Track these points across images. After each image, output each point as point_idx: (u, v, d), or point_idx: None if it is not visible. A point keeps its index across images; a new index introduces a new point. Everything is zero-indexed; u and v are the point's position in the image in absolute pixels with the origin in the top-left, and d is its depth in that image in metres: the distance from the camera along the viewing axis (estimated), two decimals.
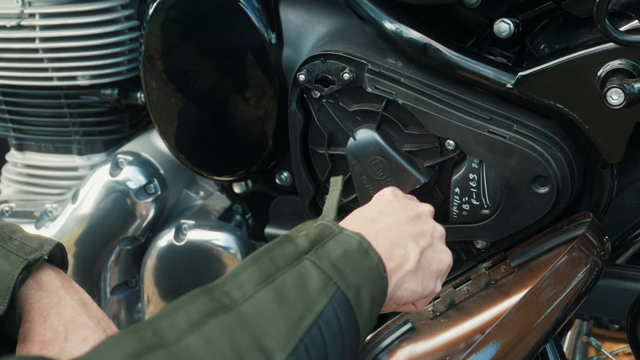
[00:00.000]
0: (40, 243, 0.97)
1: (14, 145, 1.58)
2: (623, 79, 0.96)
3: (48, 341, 0.92)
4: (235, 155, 1.33)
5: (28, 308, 0.93)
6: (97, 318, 0.96)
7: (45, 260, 0.96)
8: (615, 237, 1.23)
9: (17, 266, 0.92)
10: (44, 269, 0.97)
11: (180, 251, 1.45)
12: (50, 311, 0.93)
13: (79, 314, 0.94)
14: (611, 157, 1.04)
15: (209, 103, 1.30)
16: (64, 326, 0.93)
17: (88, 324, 0.94)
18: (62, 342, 0.92)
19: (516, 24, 1.07)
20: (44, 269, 0.97)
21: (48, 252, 0.96)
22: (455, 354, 1.08)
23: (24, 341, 0.92)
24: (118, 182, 1.44)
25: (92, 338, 0.93)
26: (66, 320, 0.93)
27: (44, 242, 0.97)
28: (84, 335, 0.93)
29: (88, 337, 0.93)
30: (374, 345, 1.17)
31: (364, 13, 1.12)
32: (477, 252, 1.18)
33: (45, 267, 0.97)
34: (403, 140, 1.14)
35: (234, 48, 1.25)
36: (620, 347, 1.70)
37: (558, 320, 1.02)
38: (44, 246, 0.96)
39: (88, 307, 0.96)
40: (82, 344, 0.92)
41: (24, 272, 0.92)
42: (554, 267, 1.02)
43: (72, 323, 0.93)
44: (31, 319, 0.93)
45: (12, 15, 1.43)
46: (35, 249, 0.95)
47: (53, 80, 1.45)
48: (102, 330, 0.95)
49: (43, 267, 0.97)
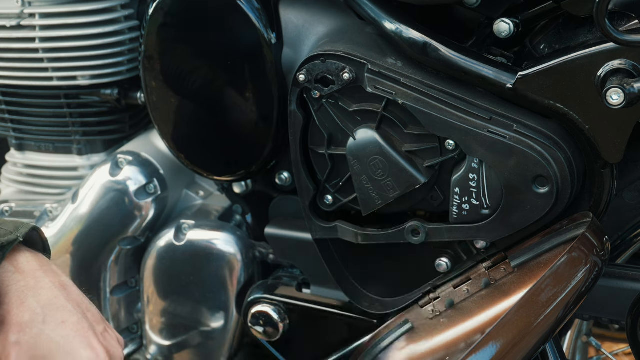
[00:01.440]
0: (16, 226, 0.96)
1: (14, 145, 1.58)
2: (623, 79, 0.96)
3: (26, 323, 0.91)
4: (235, 155, 1.33)
5: (5, 291, 0.93)
6: (76, 301, 0.95)
7: (22, 244, 0.95)
8: (615, 237, 1.23)
9: None
10: (21, 251, 0.96)
11: (180, 251, 1.45)
12: (27, 293, 0.93)
13: (57, 296, 0.94)
14: (611, 157, 1.04)
15: (208, 103, 1.30)
16: (41, 308, 0.92)
17: (67, 306, 0.94)
18: (40, 325, 0.91)
19: (516, 24, 1.06)
20: (21, 252, 0.96)
21: (23, 234, 0.95)
22: (455, 354, 1.08)
23: (2, 324, 0.92)
24: (118, 182, 1.44)
25: (71, 321, 0.93)
26: (44, 302, 0.93)
27: (19, 225, 0.97)
28: (62, 317, 0.92)
29: (66, 320, 0.92)
30: (374, 345, 1.17)
31: (364, 13, 1.12)
32: (477, 252, 1.18)
33: (22, 249, 0.96)
34: (403, 140, 1.14)
35: (234, 48, 1.25)
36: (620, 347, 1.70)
37: (558, 320, 1.02)
38: (20, 229, 0.96)
39: (67, 290, 0.96)
40: (60, 327, 0.92)
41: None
42: (554, 267, 1.02)
43: (50, 305, 0.93)
44: (8, 302, 0.92)
45: (12, 15, 1.43)
46: (10, 232, 0.95)
47: (53, 80, 1.45)
48: (80, 313, 0.94)
49: (20, 249, 0.96)
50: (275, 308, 1.37)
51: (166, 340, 1.51)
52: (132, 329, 1.57)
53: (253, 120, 1.27)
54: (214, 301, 1.45)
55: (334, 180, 1.21)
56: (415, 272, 1.24)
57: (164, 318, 1.49)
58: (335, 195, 1.22)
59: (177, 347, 1.50)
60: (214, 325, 1.46)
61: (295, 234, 1.34)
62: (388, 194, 1.16)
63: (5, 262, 0.94)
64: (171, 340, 1.50)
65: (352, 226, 1.21)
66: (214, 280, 1.44)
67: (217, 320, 1.46)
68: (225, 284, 1.43)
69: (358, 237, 1.21)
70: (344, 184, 1.21)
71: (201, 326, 1.47)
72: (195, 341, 1.49)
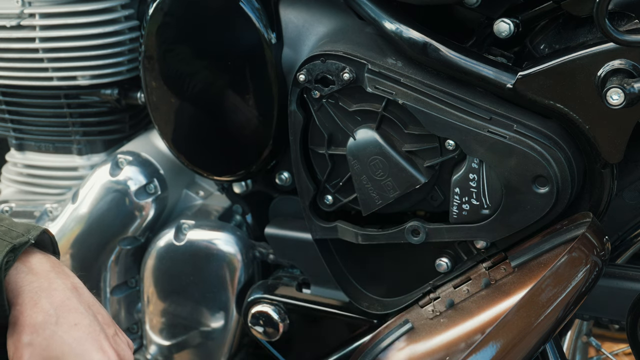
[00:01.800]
0: (27, 229, 0.97)
1: (14, 145, 1.58)
2: (623, 79, 0.96)
3: (39, 324, 0.91)
4: (235, 155, 1.33)
5: (18, 291, 0.93)
6: (87, 303, 0.96)
7: (34, 245, 0.96)
8: (615, 237, 1.23)
9: (2, 250, 0.92)
10: (34, 253, 0.97)
11: (180, 251, 1.45)
12: (41, 295, 0.93)
13: (70, 298, 0.94)
14: (611, 157, 1.04)
15: (208, 103, 1.30)
16: (54, 310, 0.92)
17: (79, 308, 0.94)
18: (53, 326, 0.92)
19: (516, 24, 1.06)
20: (34, 253, 0.97)
21: (35, 237, 0.96)
22: (456, 354, 1.08)
23: (15, 325, 0.92)
24: (118, 182, 1.44)
25: (83, 323, 0.93)
26: (57, 304, 0.93)
27: (30, 227, 0.97)
28: (75, 319, 0.93)
29: (79, 322, 0.93)
30: (374, 345, 1.17)
31: (364, 13, 1.12)
32: (477, 252, 1.18)
33: (34, 251, 0.97)
34: (403, 140, 1.14)
35: (234, 48, 1.25)
36: (620, 347, 1.70)
37: (558, 320, 1.02)
38: (31, 231, 0.96)
39: (79, 292, 0.96)
40: (73, 329, 0.92)
41: (9, 255, 0.92)
42: (554, 267, 1.02)
43: (63, 307, 0.93)
44: (21, 302, 0.92)
45: (12, 15, 1.43)
46: (22, 234, 0.95)
47: (53, 80, 1.45)
48: (92, 316, 0.95)
49: (32, 251, 0.96)
50: (275, 308, 1.37)
51: (166, 340, 1.51)
52: (132, 329, 1.57)
53: (253, 120, 1.27)
54: (214, 301, 1.45)
55: (334, 180, 1.21)
56: (415, 272, 1.24)
57: (164, 318, 1.49)
58: (335, 195, 1.22)
59: (177, 347, 1.50)
60: (214, 325, 1.46)
61: (295, 234, 1.34)
62: (388, 194, 1.16)
63: (18, 263, 0.94)
64: (171, 340, 1.50)
65: (352, 226, 1.21)
66: (214, 280, 1.44)
67: (217, 320, 1.46)
68: (225, 284, 1.43)
69: (358, 237, 1.21)
70: (344, 184, 1.21)
71: (201, 326, 1.47)
72: (195, 341, 1.49)
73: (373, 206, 1.18)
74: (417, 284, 1.23)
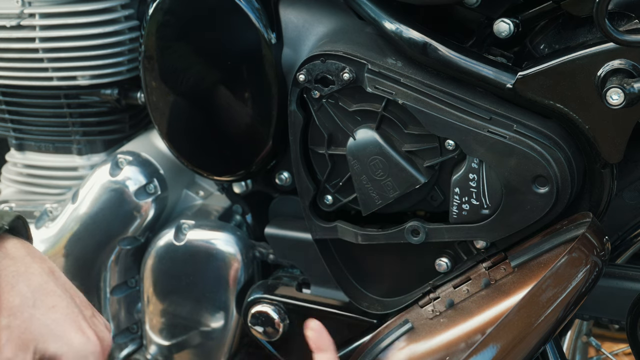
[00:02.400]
0: (1, 215, 0.98)
1: (14, 145, 1.58)
2: (623, 79, 0.96)
3: (17, 307, 0.92)
4: (235, 155, 1.33)
5: None
6: (64, 286, 0.97)
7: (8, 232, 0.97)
8: (615, 237, 1.23)
9: None
10: (8, 239, 0.98)
11: (180, 251, 1.45)
12: (18, 279, 0.94)
13: (47, 281, 0.95)
14: (611, 157, 1.04)
15: (208, 103, 1.30)
16: (32, 293, 0.94)
17: (56, 291, 0.95)
18: (31, 309, 0.93)
19: (516, 24, 1.06)
20: (8, 239, 0.98)
21: (8, 223, 0.97)
22: (456, 354, 1.08)
23: None
24: (118, 182, 1.44)
25: (61, 305, 0.94)
26: (34, 287, 0.94)
27: (3, 214, 0.99)
28: (53, 302, 0.94)
29: (56, 304, 0.94)
30: (374, 345, 1.17)
31: (364, 13, 1.12)
32: (477, 252, 1.18)
33: (9, 237, 0.98)
34: (403, 140, 1.14)
35: (234, 48, 1.25)
36: (620, 347, 1.70)
37: (558, 320, 1.02)
38: (4, 217, 0.98)
39: (55, 275, 0.98)
40: (50, 311, 0.93)
41: None
42: (554, 268, 1.02)
43: (40, 290, 0.94)
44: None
45: (12, 15, 1.43)
46: None
47: (53, 80, 1.45)
48: (69, 298, 0.96)
49: (7, 237, 0.98)
50: (275, 308, 1.37)
51: (166, 340, 1.51)
52: (132, 329, 1.57)
53: (253, 120, 1.27)
54: (214, 301, 1.45)
55: (334, 180, 1.21)
56: (415, 272, 1.24)
57: (164, 318, 1.49)
58: (335, 195, 1.22)
59: (177, 347, 1.50)
60: (214, 325, 1.46)
61: (295, 234, 1.34)
62: (388, 194, 1.16)
63: None
64: (171, 340, 1.50)
65: (352, 226, 1.21)
66: (214, 280, 1.44)
67: (217, 320, 1.46)
68: (225, 284, 1.43)
69: (358, 237, 1.21)
70: (344, 184, 1.21)
71: (201, 326, 1.47)
72: (195, 341, 1.49)
73: (373, 206, 1.18)
74: (417, 284, 1.23)
